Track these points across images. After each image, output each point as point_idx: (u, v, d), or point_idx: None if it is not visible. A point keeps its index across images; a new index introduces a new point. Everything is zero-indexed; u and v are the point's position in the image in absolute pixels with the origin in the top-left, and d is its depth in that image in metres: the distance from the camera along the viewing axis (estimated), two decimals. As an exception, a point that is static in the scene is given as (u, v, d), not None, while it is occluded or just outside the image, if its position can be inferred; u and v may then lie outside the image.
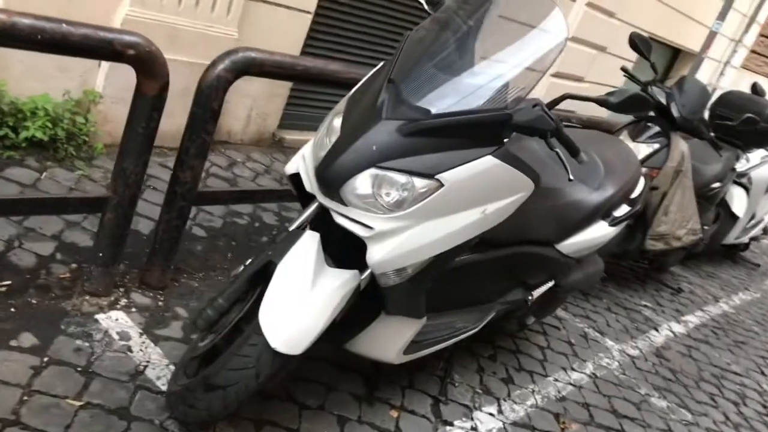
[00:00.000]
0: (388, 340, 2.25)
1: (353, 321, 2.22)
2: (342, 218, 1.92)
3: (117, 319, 2.38)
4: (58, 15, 3.04)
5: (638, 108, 2.23)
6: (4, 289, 2.31)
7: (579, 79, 6.78)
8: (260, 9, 3.84)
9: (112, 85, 3.28)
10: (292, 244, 1.94)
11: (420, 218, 1.89)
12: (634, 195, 2.96)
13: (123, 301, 2.48)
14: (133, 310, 2.46)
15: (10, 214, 2.51)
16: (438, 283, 2.27)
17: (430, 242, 1.93)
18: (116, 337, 2.30)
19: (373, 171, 1.84)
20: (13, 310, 2.24)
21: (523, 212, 2.39)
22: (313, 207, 2.06)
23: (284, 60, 2.51)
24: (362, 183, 1.85)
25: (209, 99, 2.36)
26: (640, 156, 4.04)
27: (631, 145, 4.08)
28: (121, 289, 2.53)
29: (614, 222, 2.84)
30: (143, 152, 2.28)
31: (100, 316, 2.36)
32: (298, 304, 1.86)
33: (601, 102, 2.18)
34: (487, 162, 1.91)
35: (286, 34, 4.01)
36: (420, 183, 1.85)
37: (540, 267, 2.74)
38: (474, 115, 1.88)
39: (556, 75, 6.33)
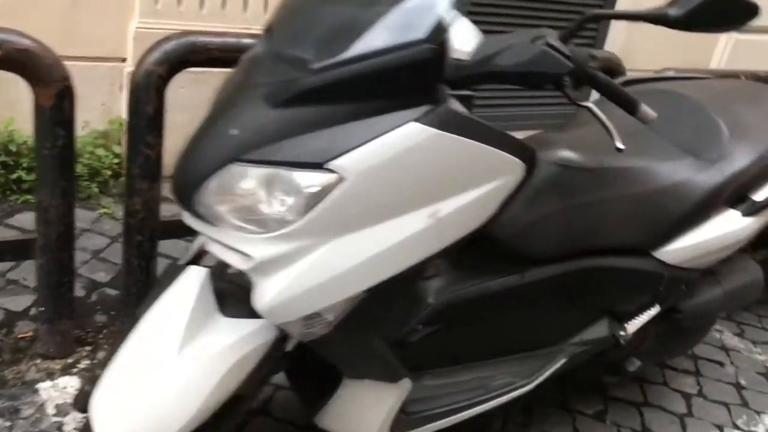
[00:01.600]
0: (362, 414, 1.54)
1: (315, 388, 1.57)
2: (214, 245, 1.28)
3: (65, 388, 1.93)
4: (66, 39, 2.78)
5: (723, 20, 1.25)
6: (-58, 356, 1.98)
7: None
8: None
9: (137, 109, 2.93)
10: (164, 288, 1.34)
11: (320, 235, 1.18)
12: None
13: (84, 363, 2.04)
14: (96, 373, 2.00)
15: None
16: (437, 323, 1.54)
17: (346, 271, 1.20)
18: (51, 411, 1.85)
19: (231, 169, 1.17)
20: (-62, 383, 1.89)
21: (575, 208, 1.62)
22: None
23: (240, 42, 1.93)
24: (218, 189, 1.19)
25: (141, 103, 1.86)
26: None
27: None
28: (88, 348, 2.09)
29: (753, 209, 1.84)
30: (58, 180, 1.82)
31: (44, 385, 1.93)
32: (152, 378, 1.24)
33: (653, 18, 1.28)
34: (413, 133, 1.15)
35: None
36: (306, 179, 1.14)
37: (629, 287, 1.83)
38: (377, 59, 1.13)
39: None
